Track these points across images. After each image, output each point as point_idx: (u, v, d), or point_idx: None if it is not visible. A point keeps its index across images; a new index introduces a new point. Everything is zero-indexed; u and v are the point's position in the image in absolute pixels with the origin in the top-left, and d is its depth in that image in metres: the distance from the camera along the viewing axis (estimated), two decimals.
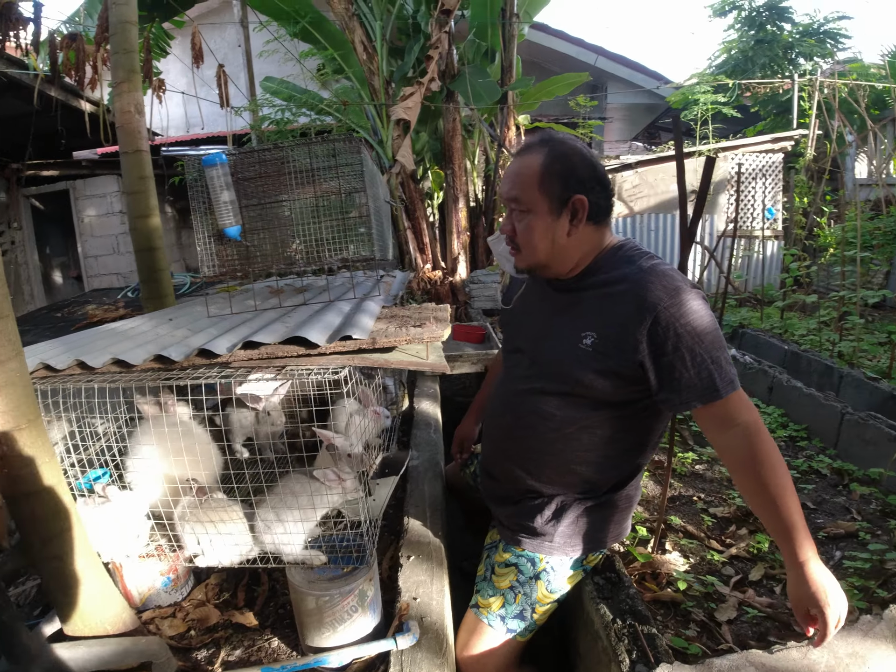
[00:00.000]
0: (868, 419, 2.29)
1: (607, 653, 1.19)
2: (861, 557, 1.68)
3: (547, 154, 1.14)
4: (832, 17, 7.18)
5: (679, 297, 1.05)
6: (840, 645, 1.12)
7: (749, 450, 1.04)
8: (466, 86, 3.69)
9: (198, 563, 1.15)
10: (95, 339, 1.18)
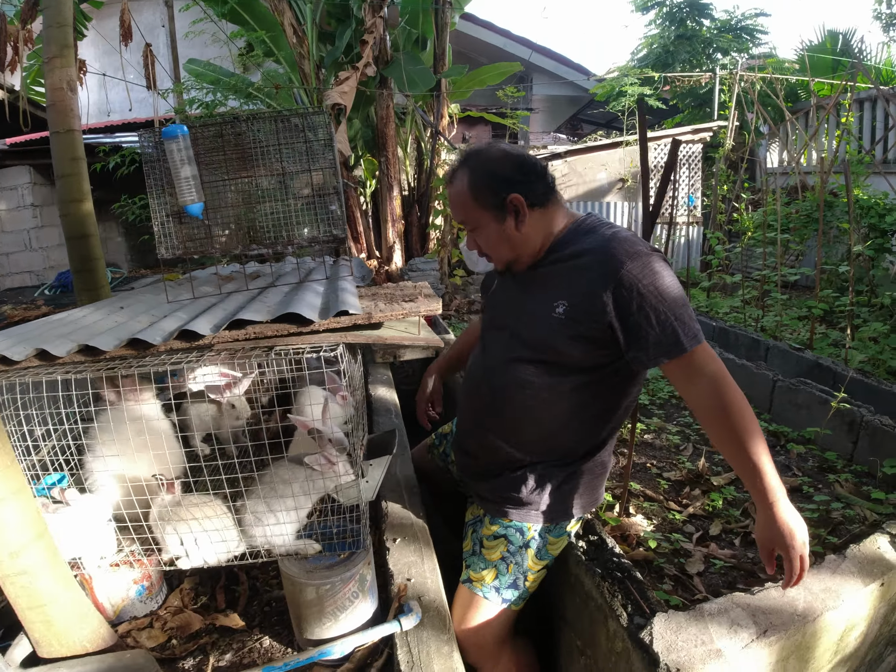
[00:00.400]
0: (799, 385, 2.51)
1: (602, 610, 1.24)
2: (808, 509, 1.86)
3: (469, 172, 1.23)
4: (750, 13, 7.70)
5: (640, 259, 1.12)
6: (813, 582, 1.23)
7: (717, 398, 1.10)
8: (401, 72, 3.66)
9: (180, 565, 1.08)
10: (46, 330, 1.06)
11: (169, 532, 1.05)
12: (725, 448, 1.14)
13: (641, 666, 1.08)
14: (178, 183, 1.19)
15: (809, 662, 1.21)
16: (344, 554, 1.10)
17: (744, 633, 1.11)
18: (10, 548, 0.87)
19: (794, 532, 1.04)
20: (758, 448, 1.07)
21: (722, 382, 1.10)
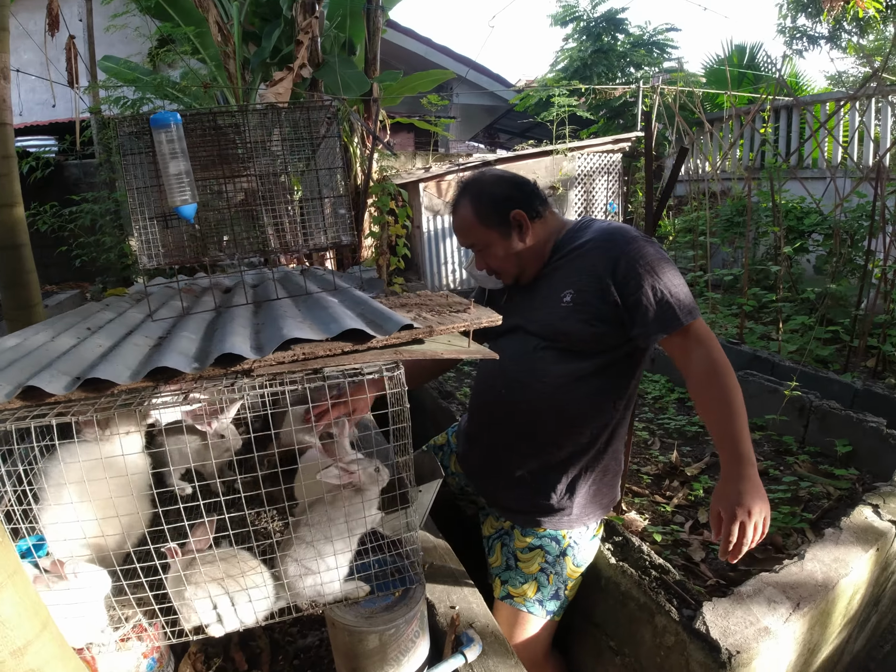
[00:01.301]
0: (746, 376, 2.75)
1: (646, 608, 1.28)
2: (779, 490, 2.04)
3: (471, 199, 1.36)
4: (661, 28, 8.42)
5: (636, 243, 1.25)
6: (823, 554, 1.35)
7: (710, 366, 1.19)
8: (335, 75, 3.59)
9: (212, 632, 0.96)
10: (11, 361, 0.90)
11: (194, 596, 0.92)
12: (712, 413, 1.20)
13: (701, 655, 1.12)
14: (169, 180, 1.07)
15: (827, 627, 1.33)
16: (398, 592, 1.03)
17: (782, 608, 1.19)
18: (12, 645, 0.72)
19: (743, 498, 1.06)
20: (741, 417, 1.15)
21: (715, 354, 1.20)
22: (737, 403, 1.16)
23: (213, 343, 0.97)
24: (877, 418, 2.16)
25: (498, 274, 1.42)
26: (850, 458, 2.20)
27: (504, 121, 9.73)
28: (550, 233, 1.39)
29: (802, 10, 6.76)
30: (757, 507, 1.06)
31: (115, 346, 1.02)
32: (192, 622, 0.97)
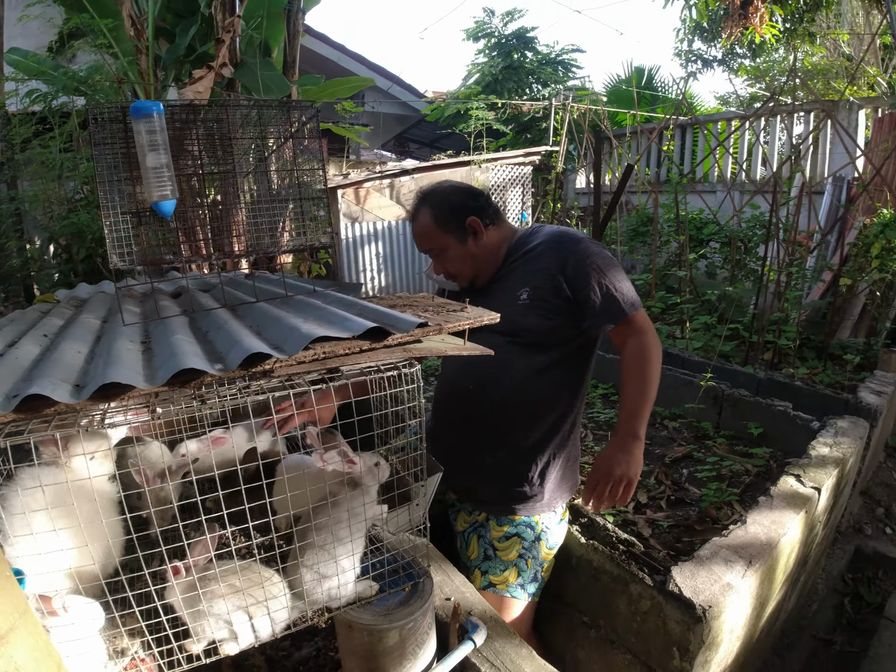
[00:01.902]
0: (665, 370, 3.04)
1: (619, 580, 1.41)
2: (705, 469, 2.29)
3: (430, 207, 1.47)
4: (568, 48, 9.04)
5: (583, 244, 1.41)
6: (762, 518, 1.56)
7: (641, 352, 1.37)
8: (256, 77, 3.49)
9: (227, 650, 0.92)
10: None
11: (208, 612, 0.89)
12: (627, 390, 1.39)
13: (677, 614, 1.26)
14: (147, 173, 1.02)
15: (773, 583, 1.54)
16: (408, 587, 1.06)
17: (738, 566, 1.37)
18: None
19: (627, 466, 1.29)
20: (648, 402, 1.36)
21: (649, 342, 1.39)
22: (649, 390, 1.35)
23: (218, 345, 0.95)
24: (783, 402, 2.49)
25: (454, 277, 1.52)
26: (762, 439, 2.52)
27: (414, 130, 9.91)
28: (503, 238, 1.51)
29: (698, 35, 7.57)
30: (627, 475, 1.29)
31: (99, 351, 0.97)
32: (202, 643, 0.93)
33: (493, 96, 7.31)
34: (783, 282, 3.20)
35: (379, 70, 8.15)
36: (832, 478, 1.85)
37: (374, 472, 1.06)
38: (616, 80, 8.58)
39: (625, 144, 6.20)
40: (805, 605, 2.24)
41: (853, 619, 2.22)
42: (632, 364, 1.38)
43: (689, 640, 1.24)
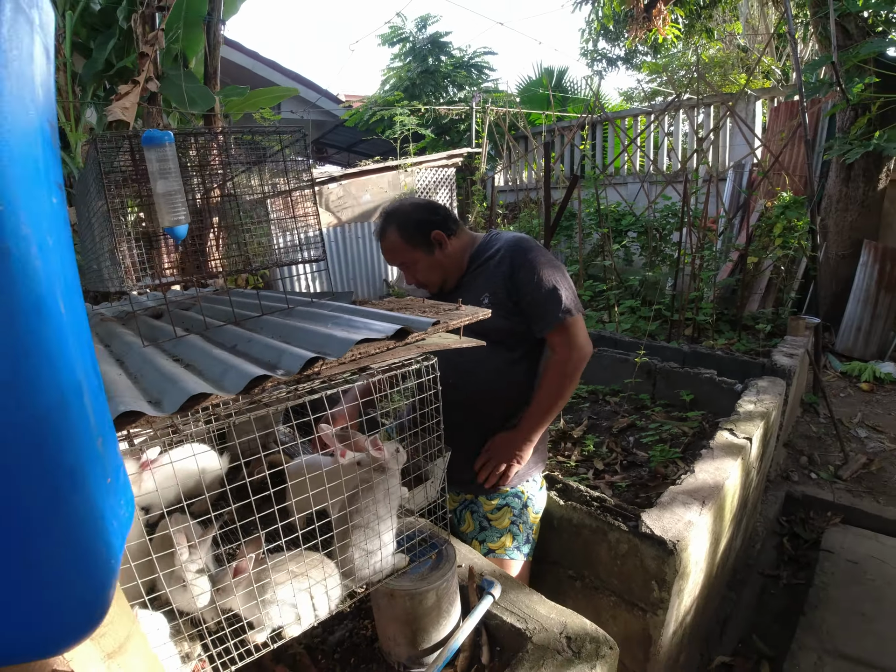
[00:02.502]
0: (600, 352, 3.37)
1: (598, 531, 1.63)
2: (648, 435, 2.60)
3: (395, 224, 1.61)
4: (480, 51, 9.36)
5: (529, 254, 1.56)
6: (707, 466, 1.84)
7: (561, 370, 1.54)
8: (180, 89, 3.46)
9: (290, 633, 1.03)
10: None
11: (272, 601, 1.00)
12: (538, 398, 1.59)
13: (652, 551, 1.49)
14: (160, 200, 1.10)
15: (723, 520, 1.83)
16: (433, 555, 1.21)
17: (694, 506, 1.63)
18: None
19: (515, 457, 1.57)
20: (549, 415, 1.59)
21: (575, 361, 1.55)
22: (556, 406, 1.58)
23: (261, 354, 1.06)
24: (709, 370, 2.86)
25: (424, 285, 1.69)
26: (693, 404, 2.87)
27: (331, 136, 9.89)
28: (465, 246, 1.68)
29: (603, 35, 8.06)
30: (505, 460, 1.57)
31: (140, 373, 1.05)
32: (267, 631, 1.03)
33: (416, 102, 7.51)
34: (697, 264, 3.63)
35: (294, 76, 8.09)
36: (760, 429, 2.19)
37: (396, 457, 1.21)
38: (528, 81, 9.05)
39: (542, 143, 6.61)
40: (750, 545, 2.60)
41: (794, 556, 2.60)
42: (552, 378, 1.55)
43: (664, 572, 1.47)
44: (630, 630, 1.60)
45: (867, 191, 4.42)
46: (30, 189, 0.33)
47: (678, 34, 6.66)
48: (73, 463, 0.33)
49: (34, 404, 0.31)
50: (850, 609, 2.13)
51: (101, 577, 0.39)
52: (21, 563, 0.33)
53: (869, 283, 4.39)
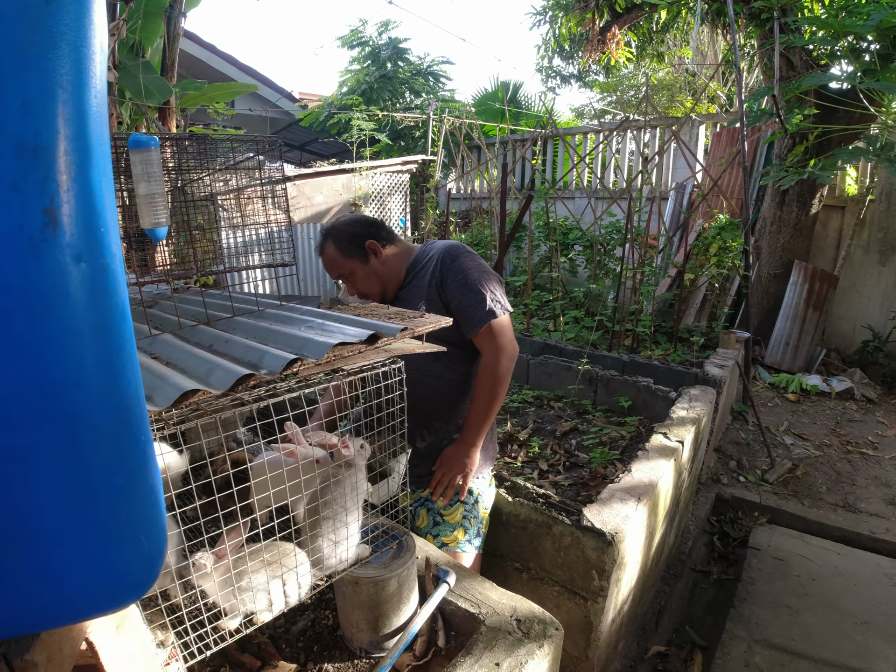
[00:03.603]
0: (546, 359, 3.55)
1: (543, 525, 1.76)
2: (589, 438, 2.78)
3: (333, 239, 1.71)
4: (438, 59, 9.47)
5: (457, 260, 1.65)
6: (642, 466, 2.01)
7: (492, 373, 1.63)
8: (137, 81, 3.41)
9: (262, 619, 1.10)
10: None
11: (246, 588, 1.06)
12: (475, 405, 1.69)
13: (593, 542, 1.63)
14: (141, 201, 1.15)
15: (658, 516, 2.00)
16: (394, 545, 1.30)
17: (631, 502, 1.79)
18: None
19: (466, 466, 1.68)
20: (489, 419, 1.70)
21: (505, 364, 1.63)
22: (493, 408, 1.68)
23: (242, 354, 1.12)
24: (646, 378, 3.08)
25: (366, 295, 1.77)
26: (631, 410, 3.09)
27: (284, 133, 9.76)
28: (402, 256, 1.76)
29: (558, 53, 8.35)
30: (457, 471, 1.69)
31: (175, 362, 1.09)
32: (238, 618, 1.09)
33: (374, 107, 7.57)
34: (637, 279, 3.89)
35: (250, 72, 7.98)
36: (691, 433, 2.40)
37: (362, 453, 1.29)
38: (484, 92, 9.31)
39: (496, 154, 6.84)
40: (682, 542, 2.82)
41: (723, 553, 2.82)
42: (484, 383, 1.64)
43: (604, 562, 1.62)
44: (572, 618, 1.74)
45: (800, 215, 4.84)
46: (111, 212, 0.40)
47: (630, 57, 7.05)
48: (145, 440, 0.41)
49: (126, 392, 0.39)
50: (778, 602, 2.35)
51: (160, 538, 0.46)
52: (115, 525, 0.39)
53: (798, 301, 4.81)
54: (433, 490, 1.70)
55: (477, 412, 1.67)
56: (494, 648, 1.18)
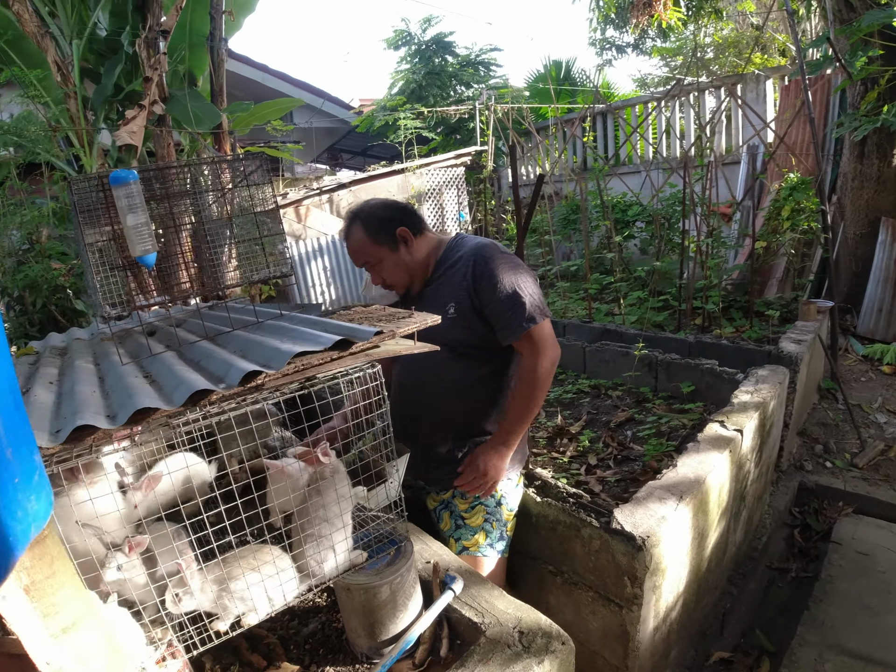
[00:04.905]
0: (603, 346, 3.37)
1: (572, 527, 1.65)
2: (645, 428, 2.61)
3: (362, 223, 1.61)
4: (486, 48, 9.38)
5: (493, 261, 1.55)
6: (690, 461, 1.84)
7: (532, 376, 1.54)
8: (186, 109, 3.62)
9: (249, 621, 1.12)
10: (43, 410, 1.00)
11: (238, 590, 1.09)
12: (514, 406, 1.60)
13: (622, 546, 1.51)
14: (129, 232, 1.20)
15: (708, 514, 1.82)
16: (391, 551, 1.28)
17: (670, 501, 1.64)
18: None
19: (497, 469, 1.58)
20: (526, 422, 1.61)
21: (542, 368, 1.54)
22: (531, 411, 1.58)
23: (216, 369, 1.14)
24: (710, 361, 2.83)
25: (391, 286, 1.68)
26: (694, 395, 2.86)
27: (345, 141, 10.06)
28: (431, 248, 1.67)
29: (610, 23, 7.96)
30: (491, 470, 1.57)
31: (112, 388, 1.14)
32: (229, 620, 1.12)
33: (419, 105, 7.59)
34: (704, 251, 3.58)
35: (303, 86, 8.31)
36: (754, 420, 2.17)
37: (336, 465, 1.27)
38: (536, 74, 9.02)
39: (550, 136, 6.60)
40: (755, 538, 2.57)
41: (804, 548, 2.55)
42: (524, 385, 1.55)
43: (635, 568, 1.49)
44: (608, 625, 1.63)
45: (881, 167, 4.25)
46: None
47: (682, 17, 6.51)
48: None
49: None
50: (857, 602, 2.09)
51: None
52: None
53: (888, 262, 4.22)
54: (457, 483, 1.63)
55: (514, 415, 1.59)
56: (489, 662, 1.12)
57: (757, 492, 2.45)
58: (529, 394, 1.56)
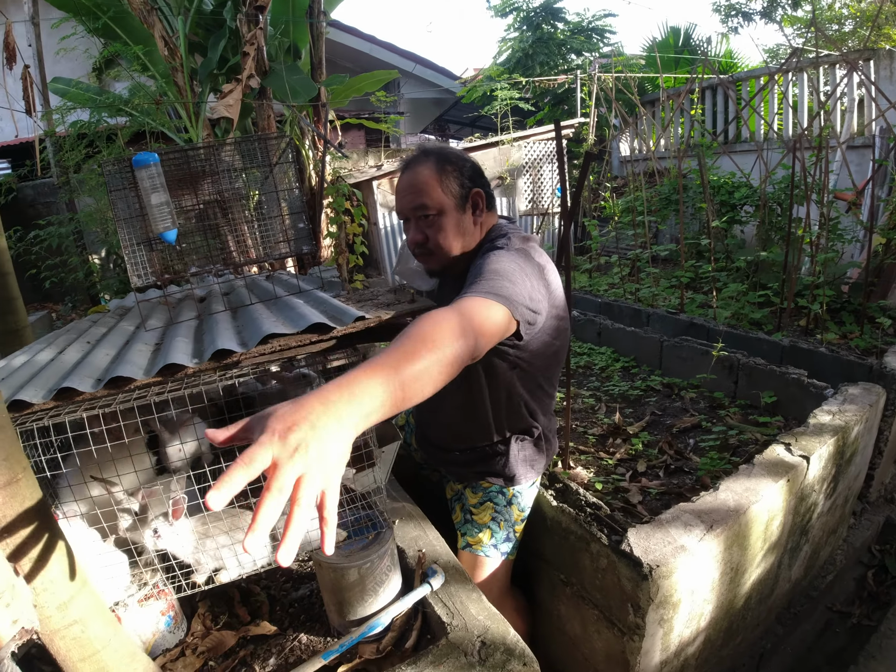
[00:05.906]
0: (682, 342, 3.07)
1: (583, 539, 1.53)
2: (710, 439, 2.35)
3: (435, 161, 1.33)
4: (599, 14, 8.70)
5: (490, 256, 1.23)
6: (735, 486, 1.63)
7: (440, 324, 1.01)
8: (283, 82, 3.75)
9: (221, 579, 1.17)
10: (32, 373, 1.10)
11: (210, 548, 1.14)
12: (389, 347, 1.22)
13: (627, 571, 1.38)
14: (151, 210, 1.27)
15: (747, 549, 1.60)
16: (371, 535, 1.27)
17: (697, 530, 1.46)
18: (58, 600, 0.87)
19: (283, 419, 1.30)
20: (381, 374, 1.19)
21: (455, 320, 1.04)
22: (396, 361, 0.95)
23: (206, 343, 1.18)
24: (798, 370, 2.47)
25: (432, 252, 1.38)
26: (776, 407, 2.52)
27: (453, 112, 9.97)
28: (486, 230, 1.43)
29: None
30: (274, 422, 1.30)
31: (120, 353, 1.23)
32: (204, 574, 1.19)
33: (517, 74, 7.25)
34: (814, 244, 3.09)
35: (410, 56, 8.30)
36: (828, 446, 1.87)
37: None
38: (652, 41, 8.24)
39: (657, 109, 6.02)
40: (818, 576, 2.26)
41: (874, 592, 2.21)
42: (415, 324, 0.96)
43: (638, 597, 1.35)
44: (611, 649, 1.51)
45: None
46: None
47: None
48: None
49: None
50: None
51: None
52: None
53: None
54: None
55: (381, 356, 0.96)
56: (440, 666, 1.09)
57: (827, 525, 2.13)
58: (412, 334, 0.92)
